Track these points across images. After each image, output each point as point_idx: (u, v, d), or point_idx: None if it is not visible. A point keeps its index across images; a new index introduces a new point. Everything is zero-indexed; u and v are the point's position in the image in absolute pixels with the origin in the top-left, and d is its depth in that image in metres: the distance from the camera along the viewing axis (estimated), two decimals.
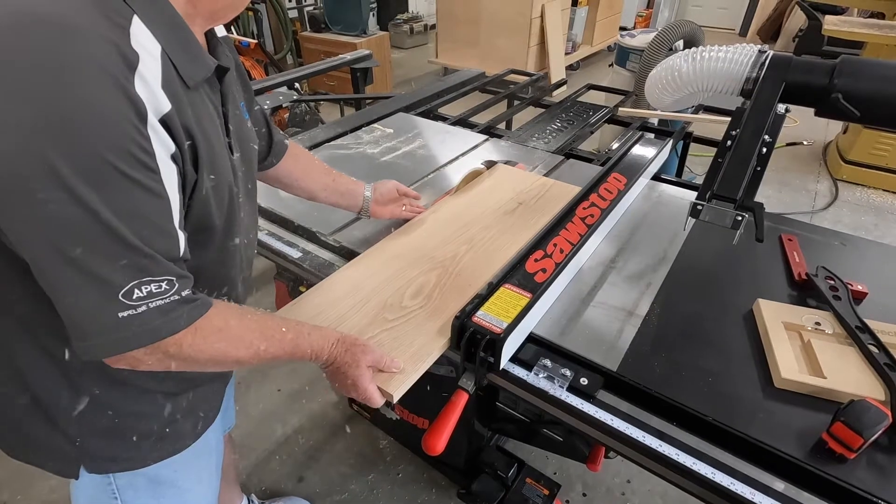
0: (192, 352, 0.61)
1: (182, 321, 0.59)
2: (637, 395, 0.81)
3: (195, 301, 0.61)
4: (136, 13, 0.53)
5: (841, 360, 0.82)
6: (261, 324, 0.69)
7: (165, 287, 0.56)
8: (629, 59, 3.14)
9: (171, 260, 0.57)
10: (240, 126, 0.74)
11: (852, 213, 3.12)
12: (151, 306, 0.55)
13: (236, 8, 0.64)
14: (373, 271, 1.02)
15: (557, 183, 1.34)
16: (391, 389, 0.78)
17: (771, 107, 0.83)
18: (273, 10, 4.58)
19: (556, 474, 1.65)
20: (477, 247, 1.10)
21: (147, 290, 0.55)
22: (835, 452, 0.70)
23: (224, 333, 0.64)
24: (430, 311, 0.93)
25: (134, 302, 0.54)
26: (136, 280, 0.54)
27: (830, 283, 0.97)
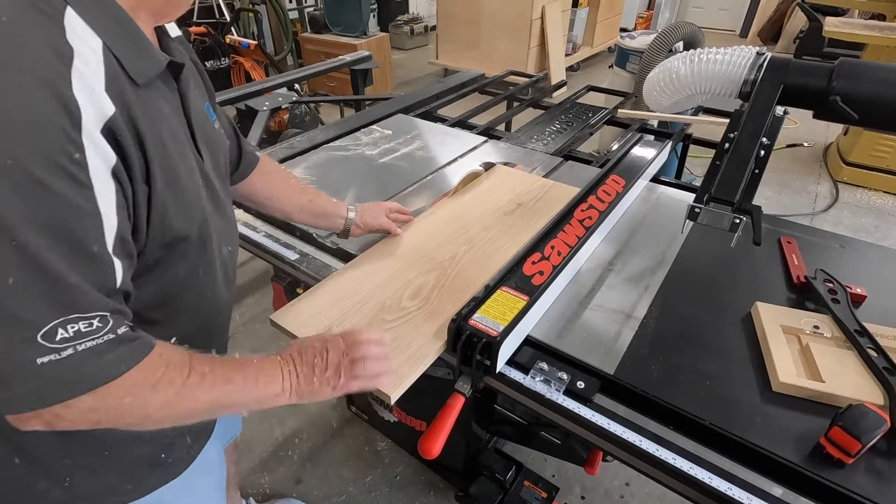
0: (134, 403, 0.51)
1: (120, 365, 0.49)
2: (634, 398, 0.80)
3: (134, 340, 0.51)
4: (69, 4, 0.47)
5: (839, 364, 0.82)
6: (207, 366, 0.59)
7: (98, 325, 0.47)
8: (629, 61, 3.13)
9: (105, 292, 0.49)
10: (206, 128, 0.68)
11: (853, 214, 3.11)
12: (80, 349, 0.46)
13: (183, 3, 0.59)
14: (371, 272, 1.02)
15: (556, 184, 1.34)
16: (389, 391, 0.78)
17: (769, 109, 0.83)
18: (273, 11, 4.58)
19: (554, 477, 1.65)
20: (476, 248, 1.10)
21: (74, 330, 0.46)
22: (833, 457, 0.69)
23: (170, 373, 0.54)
24: (428, 312, 0.92)
25: (57, 344, 0.45)
26: (60, 317, 0.45)
27: (829, 286, 0.97)
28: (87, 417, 0.50)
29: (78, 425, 0.51)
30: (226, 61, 3.97)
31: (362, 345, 0.69)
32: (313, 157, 1.54)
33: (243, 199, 0.99)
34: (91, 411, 0.50)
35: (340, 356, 0.67)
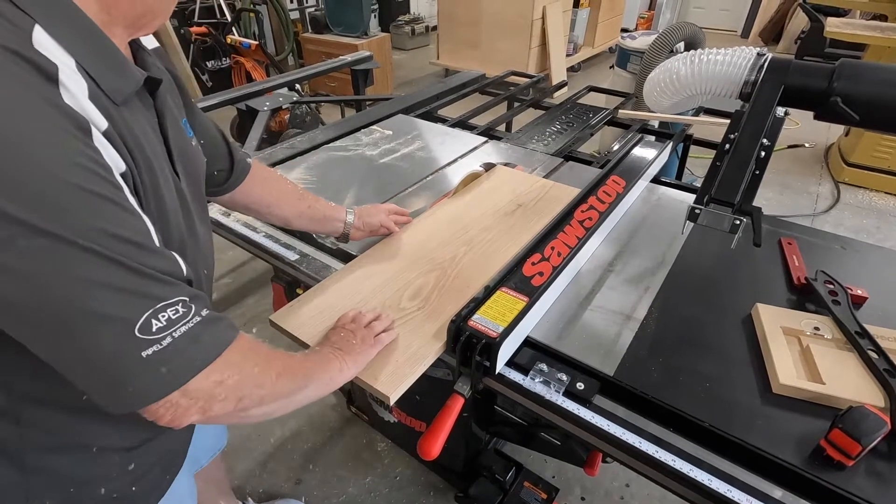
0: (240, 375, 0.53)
1: (218, 344, 0.51)
2: (634, 400, 0.80)
3: (219, 319, 0.53)
4: (36, 22, 0.44)
5: (840, 366, 0.81)
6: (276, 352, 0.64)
7: (183, 310, 0.49)
8: (630, 61, 3.13)
9: (177, 279, 0.50)
10: (183, 146, 0.66)
11: (854, 215, 3.11)
12: (176, 336, 0.48)
13: (158, 15, 0.56)
14: (371, 273, 1.02)
15: (557, 184, 1.34)
16: (388, 391, 0.78)
17: (769, 110, 0.83)
18: (274, 12, 4.59)
19: (554, 478, 1.64)
20: (476, 248, 1.10)
21: (165, 319, 0.47)
22: (833, 460, 0.69)
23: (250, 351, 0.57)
24: (428, 312, 0.92)
25: (155, 335, 0.46)
26: (149, 309, 0.46)
27: (830, 287, 0.96)
28: (214, 397, 0.52)
29: (212, 411, 0.52)
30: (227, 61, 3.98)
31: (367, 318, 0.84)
32: (314, 158, 1.54)
33: (241, 208, 0.99)
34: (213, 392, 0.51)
35: (358, 330, 0.81)
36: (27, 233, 0.41)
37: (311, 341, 0.85)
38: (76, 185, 0.43)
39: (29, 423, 0.58)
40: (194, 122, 0.78)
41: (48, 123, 0.43)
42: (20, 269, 0.42)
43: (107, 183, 0.46)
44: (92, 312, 0.44)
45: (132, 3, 0.52)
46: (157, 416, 0.50)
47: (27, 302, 0.43)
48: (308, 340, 0.86)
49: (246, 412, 0.57)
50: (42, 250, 0.42)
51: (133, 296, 0.46)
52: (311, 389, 0.67)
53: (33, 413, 0.58)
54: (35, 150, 0.41)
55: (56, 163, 0.42)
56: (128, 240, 0.46)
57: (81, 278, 0.43)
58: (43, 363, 0.52)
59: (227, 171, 0.90)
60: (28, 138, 0.41)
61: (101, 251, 0.44)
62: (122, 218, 0.46)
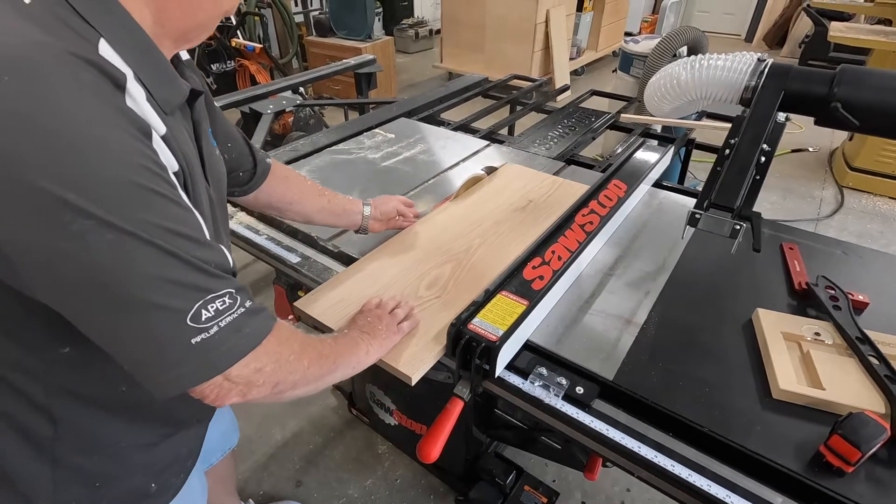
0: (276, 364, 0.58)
1: (258, 335, 0.55)
2: (633, 404, 0.80)
3: (260, 311, 0.56)
4: (102, 36, 0.48)
5: (840, 372, 0.81)
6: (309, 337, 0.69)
7: (230, 302, 0.52)
8: (633, 65, 3.13)
9: (225, 272, 0.54)
10: (211, 155, 0.69)
11: (858, 220, 3.10)
12: (222, 325, 0.51)
13: (207, 29, 0.59)
14: (388, 264, 1.06)
15: (566, 181, 1.37)
16: (410, 372, 0.82)
17: (769, 115, 0.83)
18: (279, 15, 4.62)
19: (555, 482, 1.64)
20: (489, 241, 1.13)
21: (214, 309, 0.51)
22: (833, 466, 0.69)
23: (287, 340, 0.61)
24: (445, 301, 0.96)
25: (204, 324, 0.50)
26: (200, 300, 0.50)
27: (831, 292, 0.96)
28: (253, 383, 0.56)
29: (250, 394, 0.57)
30: (231, 64, 4.00)
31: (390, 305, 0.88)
32: (316, 161, 1.55)
33: (264, 206, 1.01)
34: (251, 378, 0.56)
35: (384, 316, 0.85)
36: (97, 227, 0.44)
37: (335, 326, 0.89)
38: (140, 184, 0.46)
39: (62, 420, 0.60)
40: (218, 128, 0.81)
41: (117, 127, 0.46)
42: (87, 259, 0.45)
43: (164, 182, 0.49)
44: (150, 302, 0.47)
45: (183, 18, 0.55)
46: (202, 395, 0.54)
47: (91, 289, 0.46)
48: (332, 325, 0.90)
49: (280, 395, 0.61)
50: (109, 243, 0.45)
51: (187, 288, 0.49)
52: (339, 372, 0.72)
53: (67, 410, 0.60)
54: (106, 152, 0.45)
55: (124, 164, 0.46)
56: (183, 234, 0.50)
57: (142, 270, 0.47)
58: (81, 361, 0.57)
59: (251, 171, 0.93)
60: (100, 141, 0.44)
61: (160, 245, 0.47)
62: (178, 214, 0.50)
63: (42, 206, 0.43)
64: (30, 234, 0.44)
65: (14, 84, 0.41)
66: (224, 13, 0.59)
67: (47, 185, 0.42)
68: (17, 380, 0.56)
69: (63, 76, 0.43)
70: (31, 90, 0.42)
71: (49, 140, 0.42)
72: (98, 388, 0.61)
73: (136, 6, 0.51)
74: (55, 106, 0.42)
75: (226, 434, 1.17)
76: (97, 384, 0.61)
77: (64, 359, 0.56)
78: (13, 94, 0.41)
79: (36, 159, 0.42)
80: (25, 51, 0.42)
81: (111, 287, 0.46)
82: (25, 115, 0.42)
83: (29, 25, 0.44)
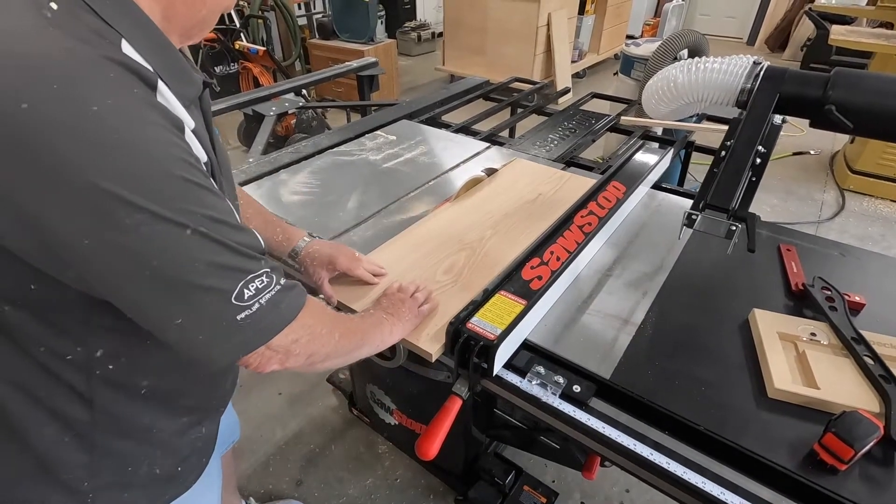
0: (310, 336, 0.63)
1: (294, 308, 0.60)
2: (630, 403, 0.81)
3: (294, 286, 0.61)
4: (123, 37, 0.49)
5: (836, 372, 0.82)
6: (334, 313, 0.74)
7: (267, 280, 0.56)
8: (633, 68, 3.14)
9: (259, 252, 0.58)
10: (219, 145, 0.70)
11: (859, 223, 3.10)
12: (263, 302, 0.56)
13: (208, 24, 0.61)
14: (404, 253, 1.11)
15: (573, 175, 1.42)
16: (430, 349, 0.87)
17: (765, 118, 0.84)
18: (282, 18, 4.64)
19: (554, 482, 1.65)
20: (501, 231, 1.18)
21: (255, 287, 0.55)
22: (826, 464, 0.70)
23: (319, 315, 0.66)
24: (461, 285, 1.01)
25: (247, 302, 0.54)
26: (243, 280, 0.54)
27: (827, 293, 0.97)
28: (291, 352, 0.62)
29: (288, 362, 0.62)
30: (235, 67, 4.02)
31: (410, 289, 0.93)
32: (318, 162, 1.56)
33: None
34: (290, 348, 0.61)
35: (406, 299, 0.89)
36: (149, 220, 0.47)
37: (359, 308, 0.94)
38: (182, 176, 0.49)
39: (101, 407, 0.63)
40: None
41: (156, 124, 0.48)
42: (142, 250, 0.48)
43: (200, 173, 0.52)
44: (200, 285, 0.51)
45: (188, 15, 0.57)
46: (247, 363, 0.60)
47: (146, 277, 0.49)
48: (356, 308, 0.95)
49: (314, 364, 0.67)
50: (160, 234, 0.48)
51: (231, 270, 0.53)
52: (365, 348, 0.77)
53: (105, 397, 0.63)
54: (150, 149, 0.47)
55: (167, 158, 0.49)
56: (222, 221, 0.53)
57: (191, 256, 0.50)
58: (120, 352, 0.61)
59: None
60: (143, 138, 0.47)
61: (205, 232, 0.51)
62: (216, 202, 0.53)
63: (99, 204, 0.45)
64: (88, 231, 0.46)
65: (62, 91, 0.43)
66: (224, 9, 0.60)
67: (103, 185, 0.45)
68: (60, 369, 0.59)
69: (102, 80, 0.45)
70: (78, 96, 0.44)
71: (100, 142, 0.44)
72: (135, 378, 0.64)
73: (147, 4, 0.53)
74: (101, 109, 0.44)
75: (231, 427, 1.19)
76: (134, 374, 0.64)
77: (104, 349, 0.60)
78: (63, 102, 0.43)
79: (91, 161, 0.44)
80: (64, 59, 0.44)
81: (164, 274, 0.49)
82: (76, 121, 0.44)
83: (60, 33, 0.45)
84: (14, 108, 0.42)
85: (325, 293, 0.98)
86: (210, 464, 0.82)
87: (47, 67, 0.43)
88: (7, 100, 0.42)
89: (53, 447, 0.62)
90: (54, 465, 0.63)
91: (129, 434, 0.66)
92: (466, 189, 1.35)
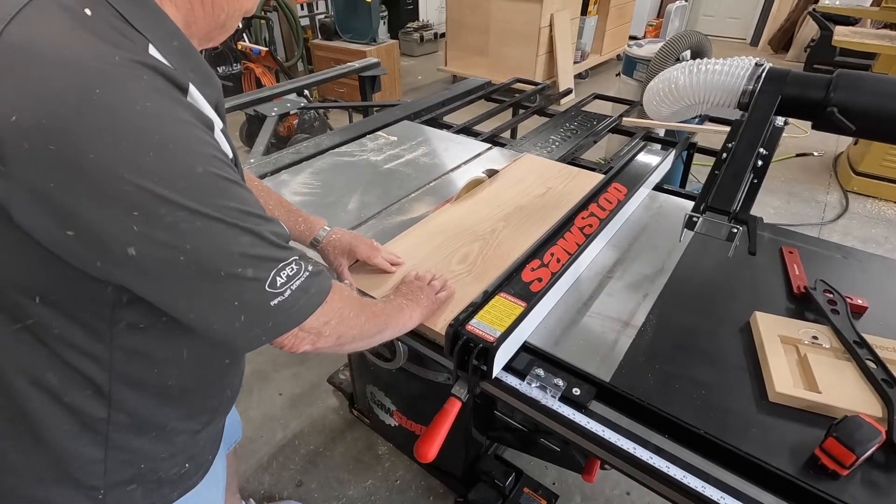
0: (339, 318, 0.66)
1: (322, 293, 0.62)
2: (630, 406, 0.81)
3: (320, 272, 0.63)
4: (150, 42, 0.51)
5: (837, 375, 0.81)
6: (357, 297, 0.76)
7: (296, 267, 0.59)
8: (636, 69, 3.14)
9: (287, 241, 0.60)
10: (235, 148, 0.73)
11: (862, 225, 3.08)
12: (294, 288, 0.58)
13: (228, 29, 0.63)
14: (419, 244, 1.13)
15: (582, 171, 1.45)
16: (444, 331, 0.88)
17: (766, 119, 0.83)
18: (285, 18, 4.65)
19: (554, 485, 1.64)
20: (512, 224, 1.20)
21: (286, 275, 0.57)
22: (827, 469, 0.69)
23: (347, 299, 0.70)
24: (475, 274, 1.03)
25: (279, 289, 0.57)
26: (275, 268, 0.56)
27: (829, 296, 0.96)
28: (321, 333, 0.65)
29: (319, 343, 0.65)
30: (237, 67, 4.03)
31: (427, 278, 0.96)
32: (319, 163, 1.56)
33: None
34: (321, 330, 0.64)
35: (424, 287, 0.92)
36: (188, 216, 0.49)
37: (378, 296, 0.97)
38: (216, 173, 0.51)
39: (118, 404, 0.64)
40: None
41: (189, 124, 0.50)
42: (181, 245, 0.50)
43: (230, 168, 0.54)
44: (236, 276, 0.53)
45: (208, 20, 0.59)
46: (280, 345, 0.62)
47: (184, 270, 0.51)
48: (375, 295, 0.98)
49: (342, 346, 0.70)
50: (198, 229, 0.50)
51: (263, 259, 0.55)
52: (388, 331, 0.81)
53: (123, 394, 0.63)
54: (187, 149, 0.49)
55: (202, 157, 0.51)
56: (253, 213, 0.55)
57: (228, 249, 0.53)
58: (142, 349, 0.62)
59: None
60: (179, 138, 0.49)
61: (239, 225, 0.53)
62: (246, 196, 0.55)
63: (140, 202, 0.47)
64: (130, 229, 0.47)
65: (103, 95, 0.45)
66: (244, 12, 0.62)
67: (145, 184, 0.46)
68: (82, 365, 0.59)
69: (138, 84, 0.47)
70: (118, 100, 0.45)
71: (140, 143, 0.46)
72: (152, 376, 0.65)
73: (171, 10, 0.55)
74: (140, 112, 0.46)
75: (234, 426, 1.20)
76: (154, 372, 0.65)
77: (126, 347, 0.61)
78: (104, 106, 0.45)
79: (132, 162, 0.46)
80: (102, 63, 0.46)
81: (203, 266, 0.52)
82: (117, 123, 0.45)
83: (96, 39, 0.47)
84: (57, 112, 0.43)
85: (345, 280, 1.01)
86: (216, 461, 0.83)
87: (88, 72, 0.45)
88: (50, 104, 0.43)
89: (69, 443, 0.63)
90: (69, 460, 0.64)
91: (144, 432, 0.68)
92: (467, 190, 1.35)
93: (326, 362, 2.08)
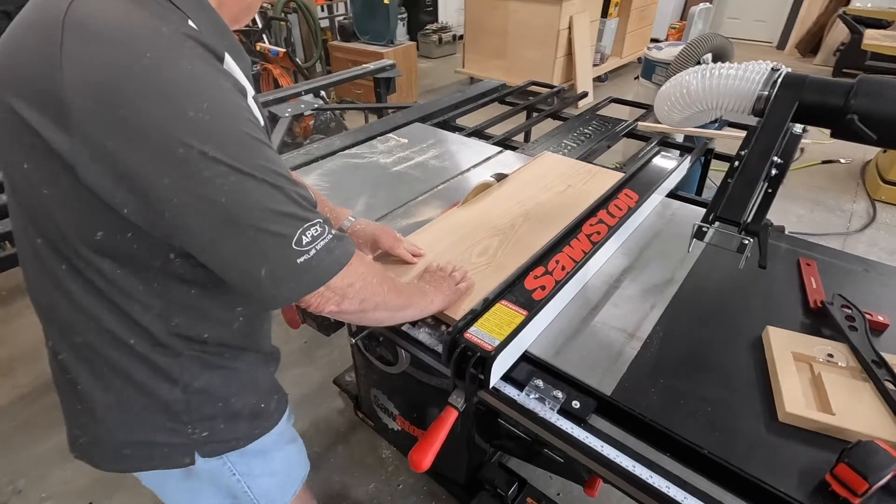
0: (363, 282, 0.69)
1: (347, 254, 0.65)
2: (631, 421, 0.78)
3: (344, 237, 0.66)
4: (189, 17, 0.56)
5: (853, 397, 0.77)
6: None
7: (320, 230, 0.61)
8: (655, 72, 3.08)
9: (312, 205, 0.63)
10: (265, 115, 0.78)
11: (890, 235, 2.96)
12: (318, 248, 0.61)
13: (253, 10, 0.69)
14: (439, 237, 1.14)
15: (602, 169, 1.43)
16: None
17: (782, 127, 0.79)
18: (305, 20, 4.70)
19: (559, 495, 1.61)
20: (532, 219, 1.20)
21: (311, 235, 0.60)
22: (838, 496, 0.65)
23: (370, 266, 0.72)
24: (495, 267, 1.04)
25: (305, 247, 0.59)
26: (301, 227, 0.59)
27: (847, 311, 0.92)
28: (346, 295, 0.67)
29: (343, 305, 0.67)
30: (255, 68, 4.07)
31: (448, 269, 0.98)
32: (328, 164, 1.56)
33: None
34: (345, 291, 0.66)
35: (445, 277, 0.96)
36: (225, 172, 0.53)
37: None
38: (251, 135, 0.56)
39: (185, 353, 0.70)
40: None
41: (228, 90, 0.55)
42: (217, 199, 0.54)
43: (262, 132, 0.58)
44: (265, 230, 0.57)
45: (237, 2, 0.65)
46: (307, 304, 0.65)
47: (219, 223, 0.55)
48: None
49: (364, 312, 0.72)
50: (233, 184, 0.54)
51: (291, 217, 0.58)
52: (410, 310, 0.83)
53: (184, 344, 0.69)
54: (227, 111, 0.54)
55: (239, 119, 0.55)
56: (282, 174, 0.59)
57: (259, 204, 0.56)
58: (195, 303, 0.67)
59: None
60: (221, 102, 0.54)
61: (271, 182, 0.57)
62: (276, 157, 0.59)
63: (185, 158, 0.51)
64: (175, 183, 0.52)
65: (153, 62, 0.50)
66: None
67: (189, 141, 0.51)
68: (144, 318, 0.65)
69: (184, 52, 0.52)
70: (166, 66, 0.51)
71: (185, 106, 0.51)
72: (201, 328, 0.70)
73: None
74: (186, 77, 0.51)
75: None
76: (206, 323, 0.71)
77: (181, 299, 0.66)
78: (154, 71, 0.50)
79: (179, 123, 0.51)
80: (150, 34, 0.51)
81: (234, 219, 0.55)
82: (166, 87, 0.50)
83: (145, 12, 0.52)
84: (114, 79, 0.49)
85: None
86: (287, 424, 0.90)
87: (140, 41, 0.50)
88: (107, 70, 0.49)
89: (152, 387, 0.69)
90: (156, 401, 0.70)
91: (216, 372, 0.74)
92: (475, 194, 1.33)
93: (333, 364, 2.08)
